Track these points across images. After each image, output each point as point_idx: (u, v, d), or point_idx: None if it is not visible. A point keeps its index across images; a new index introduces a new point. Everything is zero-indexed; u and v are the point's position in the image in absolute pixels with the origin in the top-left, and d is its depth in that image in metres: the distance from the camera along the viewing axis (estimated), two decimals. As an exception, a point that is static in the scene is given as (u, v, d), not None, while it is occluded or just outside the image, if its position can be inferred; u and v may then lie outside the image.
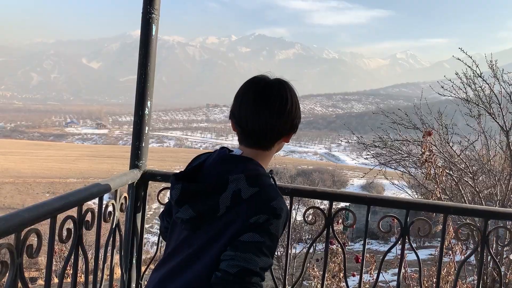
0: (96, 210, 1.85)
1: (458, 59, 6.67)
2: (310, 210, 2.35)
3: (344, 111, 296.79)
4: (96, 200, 1.93)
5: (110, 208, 1.96)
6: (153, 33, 2.23)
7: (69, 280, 2.01)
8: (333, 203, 2.17)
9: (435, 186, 4.89)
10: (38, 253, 1.42)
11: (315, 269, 4.74)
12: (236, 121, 1.45)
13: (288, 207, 1.53)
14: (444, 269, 4.52)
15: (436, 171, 4.85)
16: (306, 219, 2.23)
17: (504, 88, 6.23)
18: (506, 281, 4.82)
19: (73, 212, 1.69)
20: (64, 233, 1.62)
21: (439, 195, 4.82)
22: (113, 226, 2.02)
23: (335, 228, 2.23)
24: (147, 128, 2.28)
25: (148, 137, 2.31)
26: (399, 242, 2.17)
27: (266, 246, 1.32)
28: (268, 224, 1.32)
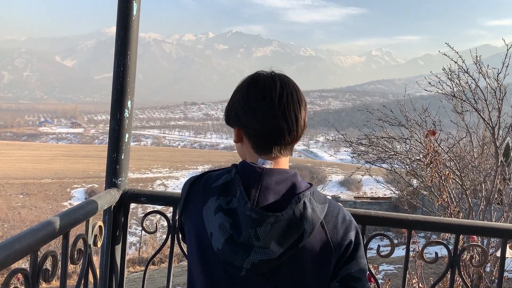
0: (59, 252, 1.33)
1: (444, 54, 6.48)
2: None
3: (321, 108, 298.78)
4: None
5: (80, 245, 1.44)
6: (134, 12, 1.68)
7: None
8: (366, 227, 1.72)
9: (441, 191, 4.51)
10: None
11: None
12: None
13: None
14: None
15: (442, 174, 4.49)
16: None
17: (489, 84, 6.10)
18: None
19: (25, 260, 1.17)
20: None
21: (446, 199, 4.45)
22: (84, 270, 1.49)
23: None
24: (127, 135, 1.74)
25: (129, 147, 1.77)
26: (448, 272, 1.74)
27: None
28: (358, 239, 1.16)
